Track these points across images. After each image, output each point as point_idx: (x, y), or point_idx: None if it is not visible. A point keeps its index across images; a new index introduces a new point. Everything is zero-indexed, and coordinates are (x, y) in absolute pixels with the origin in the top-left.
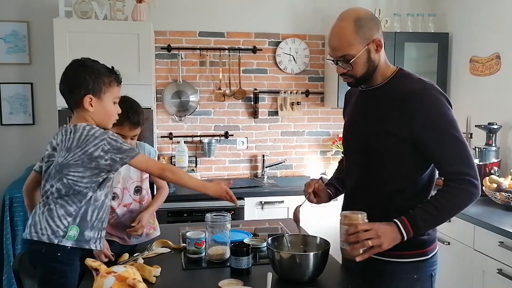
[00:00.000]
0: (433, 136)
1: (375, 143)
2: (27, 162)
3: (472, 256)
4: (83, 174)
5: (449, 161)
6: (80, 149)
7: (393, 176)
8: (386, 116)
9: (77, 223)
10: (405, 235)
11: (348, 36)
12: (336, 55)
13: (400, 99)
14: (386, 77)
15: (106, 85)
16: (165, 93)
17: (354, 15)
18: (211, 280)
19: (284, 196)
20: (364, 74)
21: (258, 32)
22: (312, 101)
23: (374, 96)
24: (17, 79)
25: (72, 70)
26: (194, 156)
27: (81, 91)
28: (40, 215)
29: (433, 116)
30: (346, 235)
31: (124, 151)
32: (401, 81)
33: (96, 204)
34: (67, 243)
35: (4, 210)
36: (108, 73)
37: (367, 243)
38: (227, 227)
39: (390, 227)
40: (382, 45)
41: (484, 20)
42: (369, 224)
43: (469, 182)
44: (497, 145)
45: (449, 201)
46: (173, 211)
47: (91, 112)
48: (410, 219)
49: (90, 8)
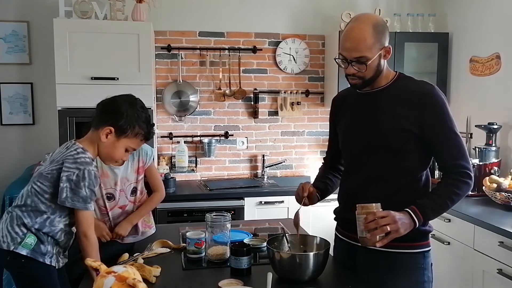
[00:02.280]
0: (441, 132)
1: (389, 140)
2: (27, 162)
3: (472, 256)
4: (46, 189)
5: (453, 156)
6: (57, 164)
7: (402, 171)
8: (398, 113)
9: (34, 234)
10: (417, 222)
11: (368, 39)
12: (352, 56)
13: (411, 97)
14: (389, 80)
15: (132, 132)
16: (165, 93)
17: (373, 20)
18: (211, 280)
19: (284, 196)
20: (372, 77)
21: (258, 32)
22: (312, 101)
23: (381, 97)
24: (17, 79)
25: (121, 99)
26: (194, 156)
27: (109, 120)
28: (3, 222)
29: (442, 114)
30: (365, 223)
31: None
32: (406, 82)
33: (52, 228)
34: (22, 251)
35: (4, 210)
36: (143, 124)
37: (386, 228)
38: (227, 227)
39: (403, 215)
40: (390, 52)
41: (484, 20)
42: (385, 212)
43: (467, 175)
44: (497, 145)
45: (454, 192)
46: (173, 211)
47: (102, 142)
48: (420, 208)
49: (90, 8)
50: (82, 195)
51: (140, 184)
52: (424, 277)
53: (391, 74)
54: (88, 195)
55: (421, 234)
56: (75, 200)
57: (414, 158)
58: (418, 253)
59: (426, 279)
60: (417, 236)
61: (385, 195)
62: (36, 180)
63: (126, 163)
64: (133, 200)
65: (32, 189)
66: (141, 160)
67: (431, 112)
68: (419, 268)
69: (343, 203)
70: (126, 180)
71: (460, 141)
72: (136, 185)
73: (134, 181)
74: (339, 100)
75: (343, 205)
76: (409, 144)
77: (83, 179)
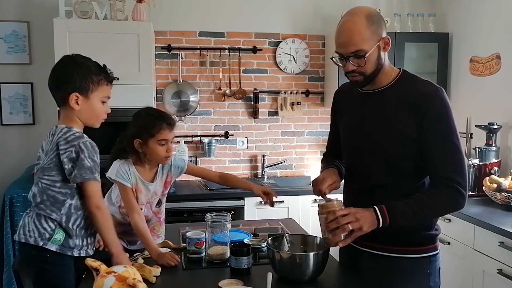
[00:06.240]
0: (437, 139)
1: (387, 145)
2: (27, 162)
3: (472, 256)
4: (55, 178)
5: (445, 167)
6: (53, 152)
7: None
8: (399, 117)
9: (63, 228)
10: (381, 222)
11: (362, 31)
12: (348, 51)
13: (412, 100)
14: (391, 79)
15: (94, 84)
16: (165, 93)
17: (365, 11)
18: (211, 280)
19: (284, 196)
20: (373, 72)
21: (258, 32)
22: (312, 101)
23: (383, 98)
24: (17, 79)
25: (61, 66)
26: (194, 156)
27: (67, 89)
28: (29, 217)
29: (442, 119)
30: (326, 223)
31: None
32: (409, 82)
33: (78, 213)
34: (51, 246)
35: (4, 210)
36: (98, 71)
37: (347, 227)
38: (227, 227)
39: (368, 212)
40: (390, 44)
41: (484, 20)
42: (346, 209)
43: (457, 191)
44: (497, 145)
45: (433, 202)
46: (173, 211)
47: (77, 111)
48: (389, 208)
49: (90, 8)
50: (86, 166)
51: (165, 197)
52: (430, 282)
53: (394, 72)
54: (92, 165)
55: (428, 238)
56: (82, 174)
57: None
58: (424, 258)
59: (433, 284)
60: (423, 240)
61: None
62: (42, 176)
63: (158, 178)
64: (156, 212)
65: (42, 185)
66: (169, 175)
67: (428, 116)
68: (425, 273)
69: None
70: (154, 194)
71: (457, 153)
72: (162, 198)
73: (160, 194)
74: (341, 94)
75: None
76: (409, 149)
77: (81, 151)
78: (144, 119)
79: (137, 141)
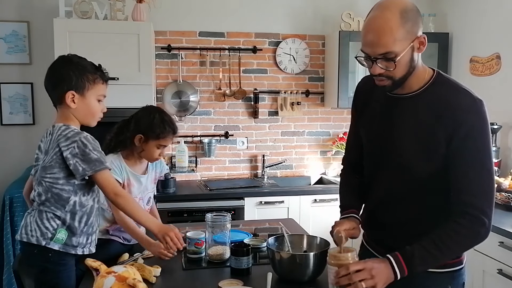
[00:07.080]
0: (469, 160)
1: (418, 161)
2: (27, 162)
3: (472, 256)
4: (57, 175)
5: (473, 192)
6: (53, 150)
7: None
8: (429, 130)
9: (66, 227)
10: (398, 275)
11: (395, 30)
12: (376, 52)
13: (445, 113)
14: (423, 83)
15: (90, 82)
16: (165, 93)
17: (400, 5)
18: (211, 280)
19: (284, 196)
20: (403, 76)
21: (258, 32)
22: (312, 101)
23: (412, 106)
24: (17, 79)
25: (57, 65)
26: (194, 156)
27: (63, 87)
28: (31, 216)
29: (476, 138)
30: (337, 277)
31: (90, 161)
32: (444, 89)
33: (83, 210)
34: (54, 246)
35: (4, 210)
36: (93, 70)
37: (361, 285)
38: (227, 227)
39: (383, 265)
40: (426, 43)
41: (484, 20)
42: (361, 263)
43: (481, 222)
44: (497, 145)
45: (455, 242)
46: (173, 211)
47: (73, 109)
48: (406, 256)
49: (90, 8)
50: (94, 158)
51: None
52: None
53: (427, 74)
54: (99, 156)
55: None
56: (92, 166)
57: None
58: (444, 273)
59: None
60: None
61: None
62: (45, 174)
63: (150, 172)
64: (147, 209)
65: (45, 184)
66: (157, 172)
67: (461, 132)
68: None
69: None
70: (146, 189)
71: (488, 177)
72: (151, 194)
73: (151, 190)
74: (362, 87)
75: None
76: (439, 167)
77: (84, 146)
78: (156, 120)
79: (140, 136)
